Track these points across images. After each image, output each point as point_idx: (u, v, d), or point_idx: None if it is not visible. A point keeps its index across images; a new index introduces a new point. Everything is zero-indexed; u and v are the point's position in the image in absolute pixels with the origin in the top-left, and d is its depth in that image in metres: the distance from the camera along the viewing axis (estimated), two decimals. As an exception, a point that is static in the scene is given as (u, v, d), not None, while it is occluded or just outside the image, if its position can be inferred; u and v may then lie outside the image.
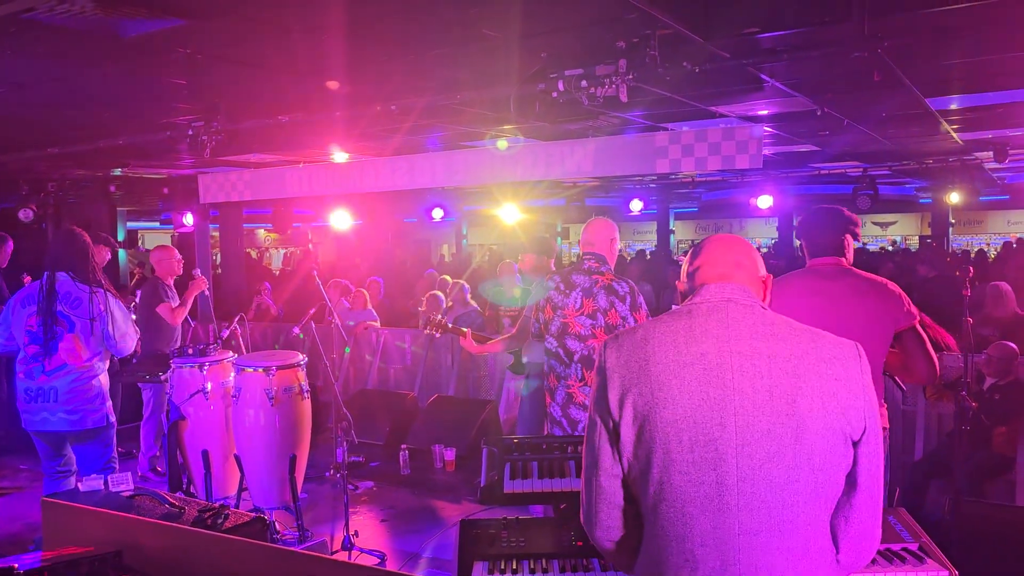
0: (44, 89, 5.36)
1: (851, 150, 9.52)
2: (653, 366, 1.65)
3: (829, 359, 1.64)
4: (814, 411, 1.59)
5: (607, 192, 14.92)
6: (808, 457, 1.59)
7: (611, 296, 3.98)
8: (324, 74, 5.14)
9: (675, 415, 1.61)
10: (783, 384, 1.60)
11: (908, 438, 6.14)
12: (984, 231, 20.18)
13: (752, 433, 1.58)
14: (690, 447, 1.60)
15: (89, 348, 4.30)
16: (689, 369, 1.63)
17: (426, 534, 5.34)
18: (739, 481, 1.58)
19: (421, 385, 8.37)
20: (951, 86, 5.88)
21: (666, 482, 1.61)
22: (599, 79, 4.37)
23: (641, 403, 1.64)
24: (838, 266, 3.25)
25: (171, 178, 10.73)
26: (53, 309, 4.24)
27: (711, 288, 1.74)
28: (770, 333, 1.66)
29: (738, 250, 1.81)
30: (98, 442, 4.38)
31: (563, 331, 4.04)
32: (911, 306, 3.13)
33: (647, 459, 1.64)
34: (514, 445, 2.83)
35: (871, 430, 1.65)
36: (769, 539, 1.58)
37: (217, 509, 2.60)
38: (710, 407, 1.60)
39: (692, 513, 1.60)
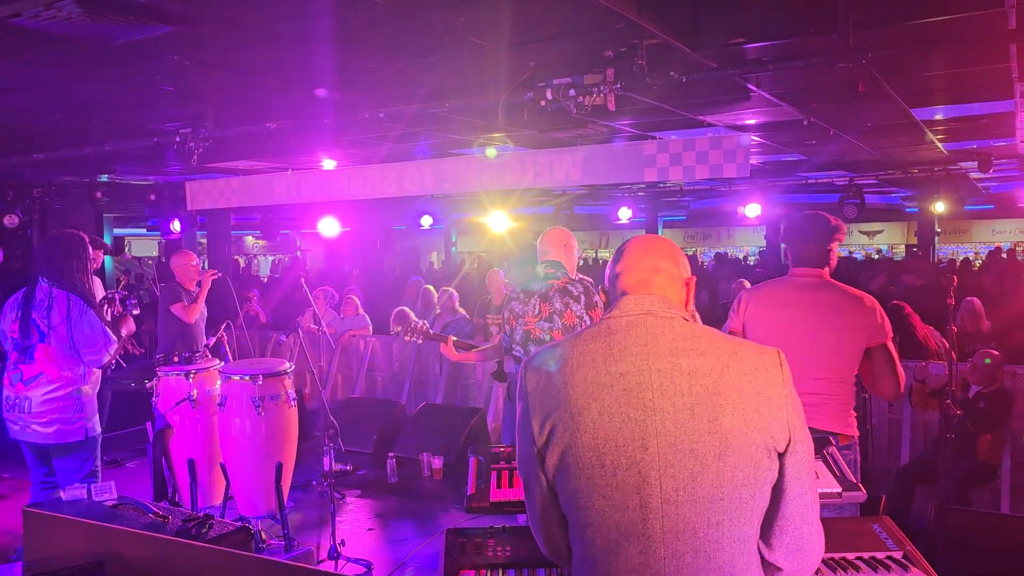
0: (30, 95, 5.34)
1: (838, 159, 9.59)
2: (572, 389, 1.61)
3: (750, 371, 1.60)
4: (736, 427, 1.55)
5: (596, 200, 14.96)
6: (732, 474, 1.54)
7: (565, 297, 4.05)
8: (313, 81, 5.14)
9: (595, 439, 1.57)
10: (704, 401, 1.56)
11: (894, 445, 6.17)
12: (969, 240, 20.32)
13: (675, 454, 1.54)
14: (612, 471, 1.56)
15: (62, 358, 4.09)
16: (608, 391, 1.59)
17: (413, 542, 5.32)
18: (663, 504, 1.54)
19: (409, 393, 8.35)
20: (935, 97, 5.94)
21: (591, 507, 1.58)
22: (587, 88, 4.40)
23: (562, 428, 1.60)
24: (818, 278, 3.25)
25: (158, 184, 10.69)
26: (29, 315, 4.10)
27: (630, 300, 1.69)
28: (690, 348, 1.61)
29: (657, 253, 1.74)
30: (76, 457, 4.17)
31: (526, 338, 4.12)
32: (886, 322, 3.15)
33: (572, 484, 1.60)
34: (500, 454, 2.82)
35: (796, 439, 1.60)
36: (696, 560, 1.54)
37: (201, 519, 2.58)
38: (631, 429, 1.56)
39: (617, 540, 1.56)
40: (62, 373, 4.11)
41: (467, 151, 8.18)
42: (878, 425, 6.01)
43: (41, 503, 2.58)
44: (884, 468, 6.03)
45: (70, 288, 4.11)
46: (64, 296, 4.08)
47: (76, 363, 4.14)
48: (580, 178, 7.08)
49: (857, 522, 2.74)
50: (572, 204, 14.21)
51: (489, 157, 7.22)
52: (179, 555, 1.62)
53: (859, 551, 2.48)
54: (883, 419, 6.13)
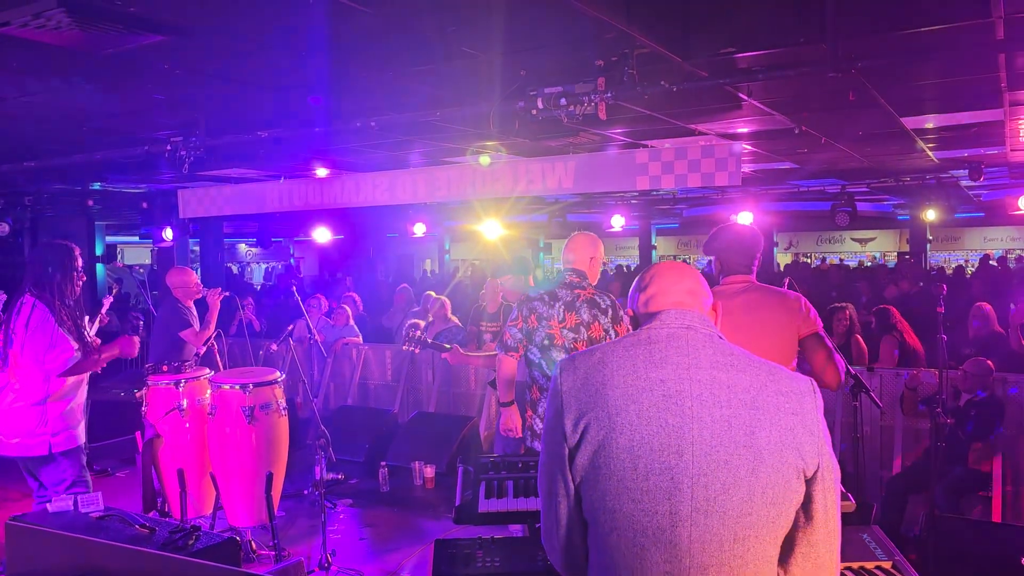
0: (20, 103, 5.32)
1: (829, 167, 9.63)
2: (610, 390, 1.62)
3: (787, 392, 1.63)
4: (771, 444, 1.57)
5: (589, 208, 14.98)
6: (763, 491, 1.56)
7: (593, 309, 3.99)
8: (304, 90, 5.14)
9: (631, 442, 1.58)
10: (742, 415, 1.58)
11: (886, 453, 6.17)
12: (961, 247, 20.41)
13: (709, 463, 1.55)
14: (645, 475, 1.57)
15: (25, 367, 3.97)
16: (647, 395, 1.60)
17: (405, 552, 5.29)
18: (692, 512, 1.55)
19: (402, 401, 8.33)
20: (925, 106, 5.97)
21: (619, 510, 1.58)
22: (578, 97, 4.41)
23: (596, 428, 1.61)
24: (745, 283, 3.34)
25: (150, 192, 10.66)
26: (8, 324, 4.03)
27: (671, 314, 1.72)
28: (729, 363, 1.64)
29: (691, 279, 1.80)
30: (48, 470, 3.99)
31: (549, 342, 4.02)
32: (811, 312, 3.23)
33: (601, 486, 1.60)
34: (490, 464, 2.82)
35: (824, 466, 1.62)
36: (719, 573, 1.55)
37: (188, 530, 2.56)
38: (667, 435, 1.57)
39: (644, 544, 1.57)
40: (23, 383, 3.99)
41: (460, 159, 8.18)
42: (870, 433, 6.01)
43: (26, 515, 2.56)
44: (876, 476, 6.03)
45: (39, 295, 4.02)
46: (31, 303, 3.99)
47: (38, 373, 4.00)
48: (572, 186, 7.09)
49: (847, 531, 2.73)
50: (565, 212, 14.22)
51: (482, 165, 7.23)
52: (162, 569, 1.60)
53: (848, 561, 2.48)
54: (875, 427, 6.13)
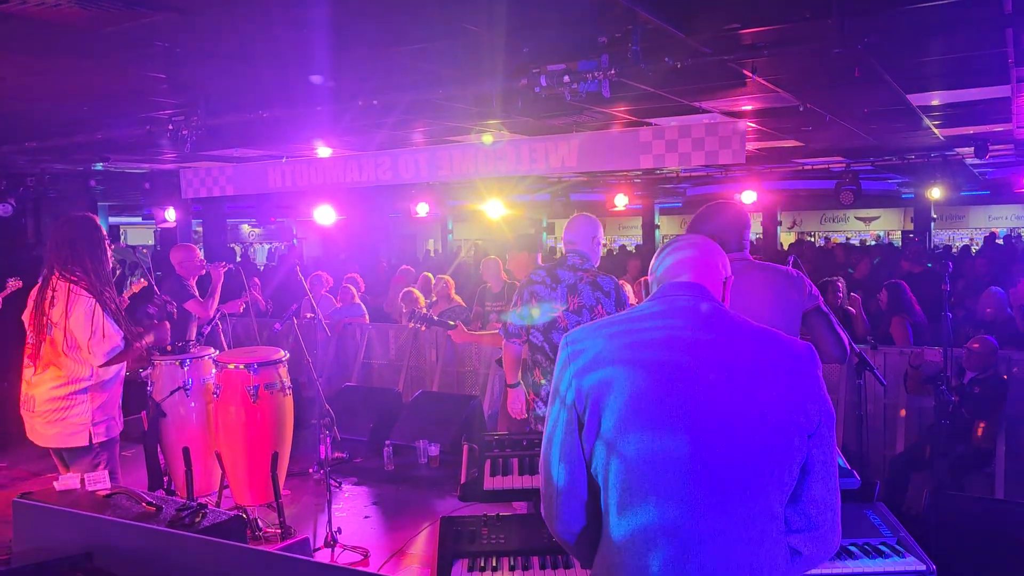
0: (19, 83, 5.29)
1: (834, 145, 9.57)
2: (619, 355, 1.69)
3: (786, 355, 1.71)
4: (773, 402, 1.64)
5: (592, 188, 14.92)
6: (768, 450, 1.63)
7: (597, 292, 3.98)
8: (306, 68, 5.10)
9: (639, 408, 1.64)
10: (747, 380, 1.65)
11: (889, 431, 6.18)
12: (966, 226, 20.32)
13: (716, 421, 1.62)
14: (652, 439, 1.63)
15: (65, 355, 3.78)
16: (654, 358, 1.67)
17: (410, 530, 5.32)
18: (702, 467, 1.62)
19: (405, 381, 8.35)
20: (931, 82, 5.92)
21: (632, 472, 1.64)
22: (581, 74, 4.37)
23: (605, 396, 1.67)
24: (742, 261, 3.31)
25: (153, 172, 10.64)
26: (44, 308, 3.78)
27: (676, 285, 1.80)
28: (730, 329, 1.72)
29: (701, 250, 1.86)
30: (84, 462, 3.78)
31: (551, 326, 4.02)
32: (813, 288, 3.24)
33: (609, 452, 1.66)
34: (494, 442, 2.82)
35: (824, 424, 1.69)
36: (727, 528, 1.61)
37: (195, 508, 2.58)
38: (674, 400, 1.64)
39: (656, 501, 1.62)
40: (65, 372, 3.80)
41: (462, 138, 8.15)
42: (873, 411, 6.02)
43: (33, 493, 2.57)
44: (879, 454, 6.04)
45: (75, 278, 3.79)
46: (65, 287, 3.77)
47: (79, 361, 3.81)
48: (576, 165, 7.06)
49: (851, 509, 2.75)
50: (568, 191, 14.18)
51: (485, 143, 7.19)
52: (169, 546, 1.61)
53: (853, 537, 2.49)
54: (878, 405, 6.13)
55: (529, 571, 2.40)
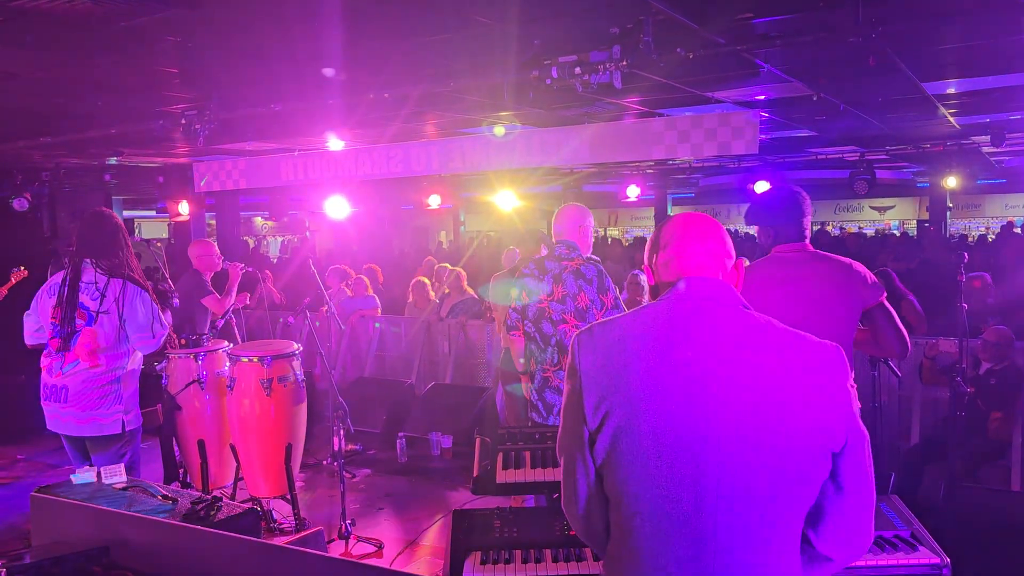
0: (34, 78, 5.32)
1: (848, 135, 9.50)
2: (632, 373, 1.56)
3: (815, 367, 1.57)
4: (799, 426, 1.53)
5: (604, 179, 14.89)
6: (789, 472, 1.52)
7: (579, 280, 4.04)
8: (318, 62, 5.11)
9: (655, 427, 1.52)
10: (769, 398, 1.53)
11: (904, 423, 6.15)
12: (982, 215, 20.14)
13: (736, 449, 1.50)
14: (670, 462, 1.52)
15: (106, 344, 3.85)
16: (671, 378, 1.54)
17: (423, 521, 5.35)
18: (718, 498, 1.51)
19: (418, 373, 8.37)
20: (947, 71, 5.86)
21: (642, 496, 1.54)
22: (592, 66, 4.35)
23: (619, 412, 1.55)
24: (804, 251, 3.24)
25: (166, 166, 10.69)
26: (75, 299, 3.83)
27: (691, 284, 1.64)
28: (755, 340, 1.58)
29: (712, 237, 1.70)
30: (112, 451, 3.87)
31: (539, 316, 4.10)
32: (876, 280, 3.15)
33: (624, 471, 1.56)
34: (507, 435, 2.83)
35: (853, 440, 1.58)
36: (744, 555, 1.52)
37: (210, 501, 2.60)
38: (693, 420, 1.52)
39: (667, 530, 1.53)
40: (103, 361, 3.86)
41: (474, 130, 8.14)
42: (887, 403, 5.98)
43: (51, 486, 2.60)
44: (894, 445, 6.01)
45: (122, 272, 3.91)
46: (119, 282, 3.88)
47: (121, 352, 3.91)
48: (588, 156, 7.04)
49: (865, 501, 2.73)
50: (580, 183, 14.16)
51: (497, 135, 7.18)
52: (184, 540, 1.62)
53: (867, 531, 2.48)
54: (893, 396, 6.10)
55: (542, 564, 2.40)
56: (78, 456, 3.98)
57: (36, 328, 4.05)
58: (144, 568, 1.59)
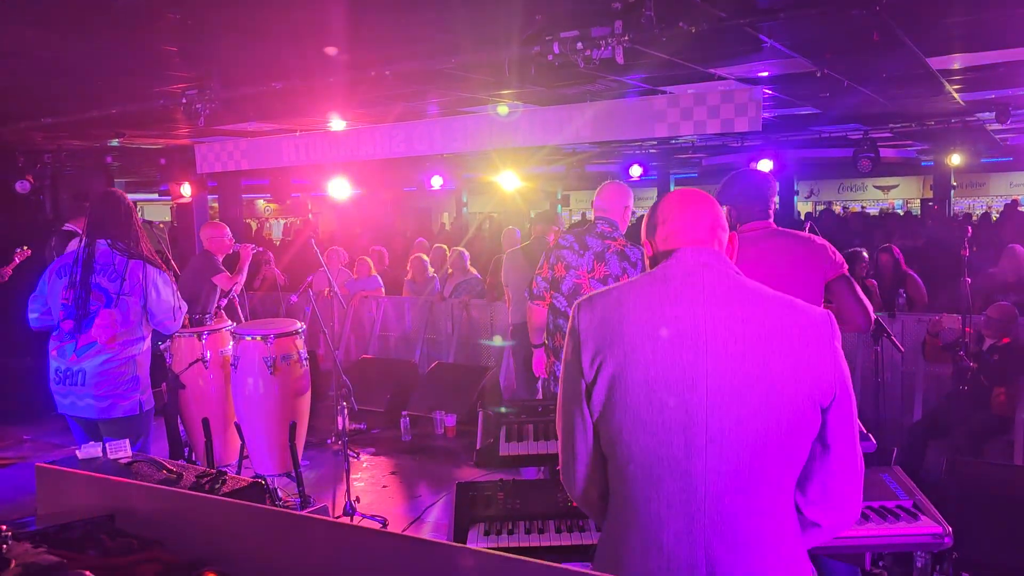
0: (33, 58, 5.30)
1: (852, 112, 9.44)
2: (627, 327, 1.64)
3: (803, 324, 1.63)
4: (786, 377, 1.58)
5: (607, 159, 14.82)
6: (777, 421, 1.57)
7: (623, 262, 3.96)
8: (319, 40, 5.07)
9: (647, 376, 1.60)
10: (756, 348, 1.59)
11: (907, 399, 6.16)
12: (986, 194, 20.05)
13: (723, 396, 1.57)
14: (660, 408, 1.59)
15: (126, 326, 3.82)
16: (662, 331, 1.62)
17: (427, 499, 5.38)
18: (708, 443, 1.57)
19: (421, 353, 8.39)
20: (952, 45, 5.81)
21: (634, 443, 1.61)
22: (595, 41, 4.32)
23: (613, 363, 1.63)
24: (766, 229, 3.28)
25: (168, 148, 10.67)
26: (89, 281, 3.77)
27: (687, 252, 1.71)
28: (745, 298, 1.65)
29: (710, 215, 1.77)
30: (129, 432, 3.72)
31: (575, 291, 4.00)
32: (837, 255, 3.19)
33: (618, 420, 1.63)
34: (510, 409, 2.84)
35: (842, 394, 1.63)
36: (734, 500, 1.58)
37: (215, 474, 2.61)
38: (683, 369, 1.59)
39: (659, 475, 1.59)
40: (120, 343, 3.82)
41: (477, 109, 8.10)
42: (890, 379, 5.99)
43: (56, 460, 2.61)
44: (897, 422, 6.02)
45: (140, 253, 3.88)
46: (139, 263, 3.84)
47: (138, 335, 3.89)
48: (590, 135, 7.00)
49: (867, 472, 2.74)
50: (583, 163, 14.11)
51: (500, 115, 7.15)
52: (190, 508, 1.63)
53: (869, 500, 2.49)
54: (896, 373, 6.11)
55: (545, 534, 2.42)
56: (86, 438, 3.90)
57: (43, 310, 3.96)
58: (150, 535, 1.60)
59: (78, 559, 1.43)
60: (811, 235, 3.27)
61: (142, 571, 1.46)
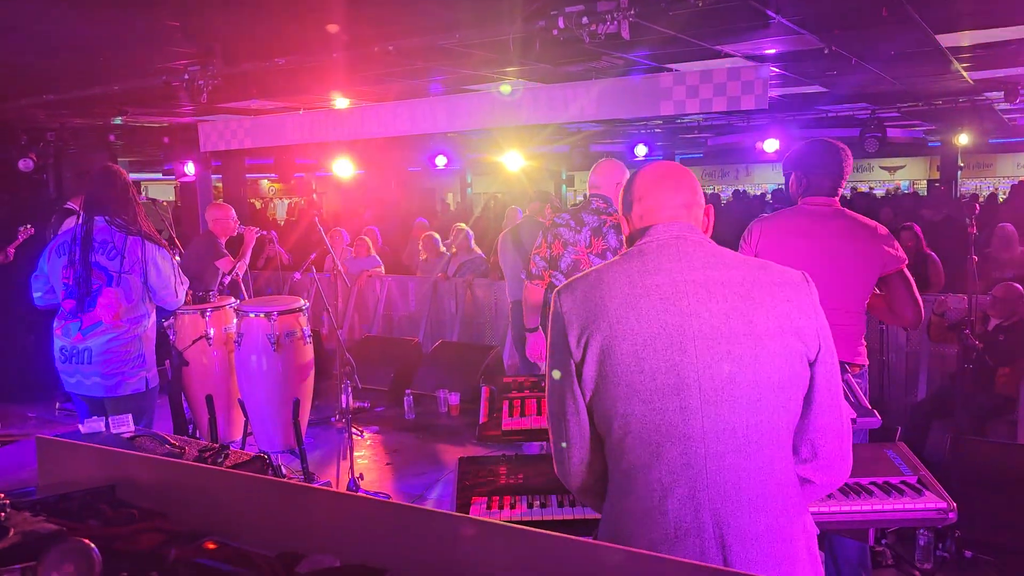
0: (33, 33, 5.26)
1: (859, 91, 9.36)
2: (609, 301, 1.65)
3: (780, 283, 1.67)
4: (771, 331, 1.61)
5: (612, 138, 14.76)
6: (768, 375, 1.60)
7: (620, 235, 3.93)
8: (322, 15, 5.03)
9: (635, 345, 1.61)
10: (739, 307, 1.62)
11: (911, 379, 6.15)
12: (993, 175, 19.92)
13: (712, 356, 1.59)
14: (651, 375, 1.59)
15: (129, 303, 3.82)
16: (645, 300, 1.63)
17: (430, 476, 5.39)
18: (703, 404, 1.58)
19: (425, 331, 8.39)
20: (962, 22, 5.74)
21: (630, 414, 1.61)
22: (600, 15, 4.27)
23: (600, 338, 1.63)
24: (831, 207, 3.22)
25: (172, 127, 10.63)
26: (89, 259, 3.76)
27: (659, 228, 1.74)
28: (721, 262, 1.68)
29: (686, 190, 1.78)
30: (135, 409, 3.70)
31: (574, 268, 3.98)
32: (899, 249, 3.14)
33: (610, 393, 1.63)
34: (512, 384, 2.83)
35: (825, 349, 1.66)
36: (736, 460, 1.59)
37: (217, 449, 2.61)
38: (669, 334, 1.61)
39: (657, 442, 1.60)
40: (125, 321, 3.82)
41: (481, 87, 8.05)
42: (895, 359, 5.98)
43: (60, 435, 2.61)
44: (901, 401, 6.01)
45: (139, 230, 3.86)
46: (138, 240, 3.83)
47: (142, 312, 3.90)
48: (595, 113, 6.96)
49: (872, 448, 2.73)
50: (588, 142, 14.02)
51: (504, 93, 7.10)
52: (193, 479, 1.62)
53: (874, 476, 2.48)
54: (900, 353, 6.09)
55: (548, 508, 2.41)
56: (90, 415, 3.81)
57: (47, 289, 3.95)
58: (151, 506, 1.59)
59: (78, 528, 1.43)
60: (875, 223, 3.18)
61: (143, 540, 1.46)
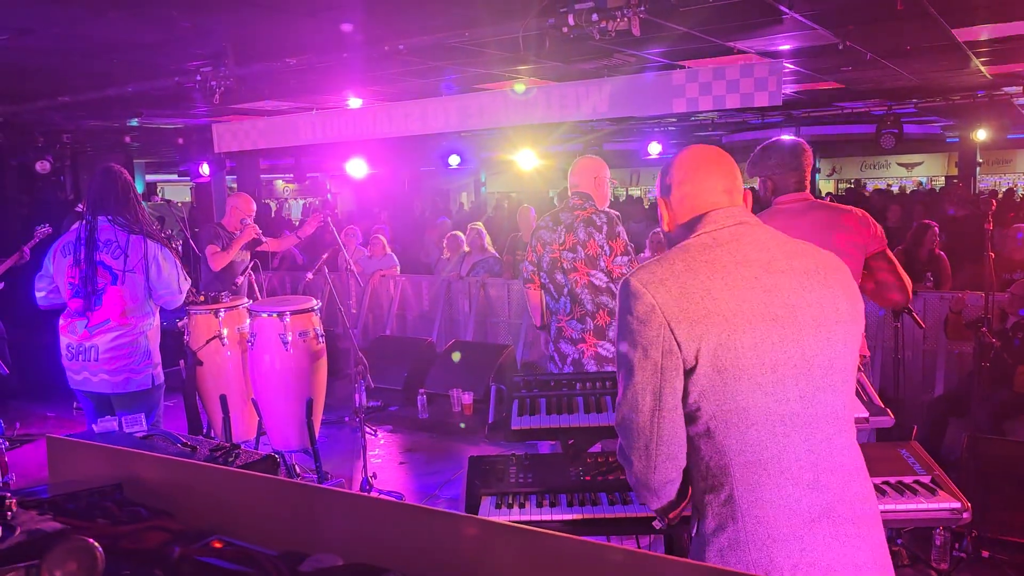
0: (48, 35, 5.30)
1: (875, 87, 9.28)
2: (717, 294, 1.64)
3: (836, 265, 1.77)
4: (849, 312, 1.72)
5: (625, 136, 14.72)
6: (848, 359, 1.71)
7: (588, 227, 4.00)
8: (333, 14, 5.04)
9: (754, 339, 1.63)
10: (824, 295, 1.69)
11: (928, 377, 6.08)
12: (1012, 170, 19.69)
13: (819, 343, 1.66)
14: (773, 367, 1.63)
15: (134, 302, 3.89)
16: (751, 293, 1.65)
17: (444, 475, 5.39)
18: (815, 391, 1.65)
19: (439, 331, 8.39)
20: (979, 15, 5.67)
21: (753, 407, 1.63)
22: (610, 12, 4.25)
23: (716, 333, 1.61)
24: (806, 201, 3.20)
25: (186, 128, 10.70)
26: (93, 258, 3.82)
27: (719, 214, 1.74)
28: (794, 251, 1.74)
29: (726, 172, 1.80)
30: (141, 406, 3.85)
31: (553, 266, 4.09)
32: (879, 229, 3.13)
33: (731, 387, 1.62)
34: (522, 382, 2.82)
35: None
36: (841, 439, 1.69)
37: (228, 448, 2.62)
38: (781, 326, 1.65)
39: (783, 433, 1.64)
40: (131, 318, 3.89)
41: (493, 86, 8.04)
42: (911, 356, 5.92)
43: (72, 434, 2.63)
44: (917, 400, 5.95)
45: (141, 229, 3.92)
46: (141, 239, 3.88)
47: (147, 310, 3.96)
48: (607, 111, 6.92)
49: (885, 447, 2.71)
50: (601, 141, 14.00)
51: (517, 92, 7.09)
52: (201, 478, 1.62)
53: (887, 476, 2.46)
54: (916, 350, 6.03)
55: (557, 508, 2.40)
56: (98, 414, 3.94)
57: (51, 288, 4.00)
58: (159, 505, 1.59)
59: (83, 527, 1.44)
60: (851, 208, 3.19)
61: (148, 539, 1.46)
